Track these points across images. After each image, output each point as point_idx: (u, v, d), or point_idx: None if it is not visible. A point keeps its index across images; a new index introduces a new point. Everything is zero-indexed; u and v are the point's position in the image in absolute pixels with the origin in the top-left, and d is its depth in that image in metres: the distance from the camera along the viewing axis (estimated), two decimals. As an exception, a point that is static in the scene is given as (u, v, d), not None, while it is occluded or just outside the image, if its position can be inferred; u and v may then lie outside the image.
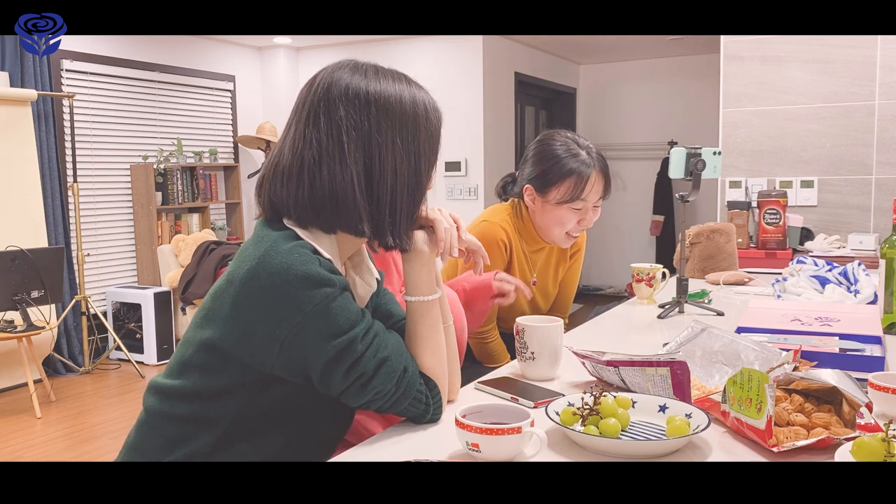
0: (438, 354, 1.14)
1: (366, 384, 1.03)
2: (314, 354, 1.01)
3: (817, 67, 3.24)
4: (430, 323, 1.14)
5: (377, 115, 1.06)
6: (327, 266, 1.02)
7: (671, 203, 7.20)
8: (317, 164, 1.04)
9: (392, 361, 1.05)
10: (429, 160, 1.11)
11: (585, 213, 1.91)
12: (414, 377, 1.08)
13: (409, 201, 1.09)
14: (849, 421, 1.04)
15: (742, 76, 3.38)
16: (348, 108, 1.05)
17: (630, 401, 1.14)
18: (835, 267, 2.21)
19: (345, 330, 1.01)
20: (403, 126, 1.07)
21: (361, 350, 1.02)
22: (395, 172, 1.07)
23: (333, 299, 1.00)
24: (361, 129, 1.05)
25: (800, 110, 3.30)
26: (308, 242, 1.04)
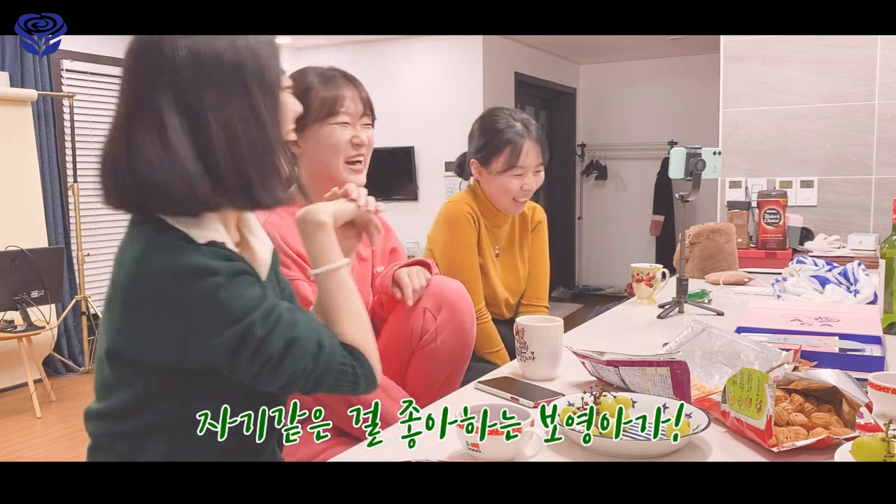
0: (358, 322, 1.08)
1: (276, 367, 0.98)
2: (214, 346, 0.96)
3: (817, 67, 3.24)
4: (343, 292, 1.08)
5: (193, 72, 0.96)
6: (208, 252, 0.96)
7: (671, 203, 7.19)
8: (131, 140, 0.96)
9: (302, 340, 0.99)
10: (267, 101, 1.01)
11: (526, 178, 2.06)
12: (333, 351, 1.02)
13: (259, 154, 1.00)
14: (849, 421, 1.04)
15: (742, 76, 3.38)
16: (162, 71, 0.96)
17: (630, 401, 1.14)
18: (835, 267, 2.21)
19: (239, 317, 0.95)
20: (225, 77, 0.97)
21: (262, 334, 0.96)
22: (230, 130, 0.97)
23: (221, 288, 0.94)
24: (178, 91, 0.96)
25: (800, 110, 3.30)
26: (180, 230, 0.97)
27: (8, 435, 3.72)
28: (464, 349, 1.56)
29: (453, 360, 1.55)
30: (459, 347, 1.55)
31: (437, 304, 1.53)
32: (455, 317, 1.53)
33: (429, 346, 1.52)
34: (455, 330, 1.53)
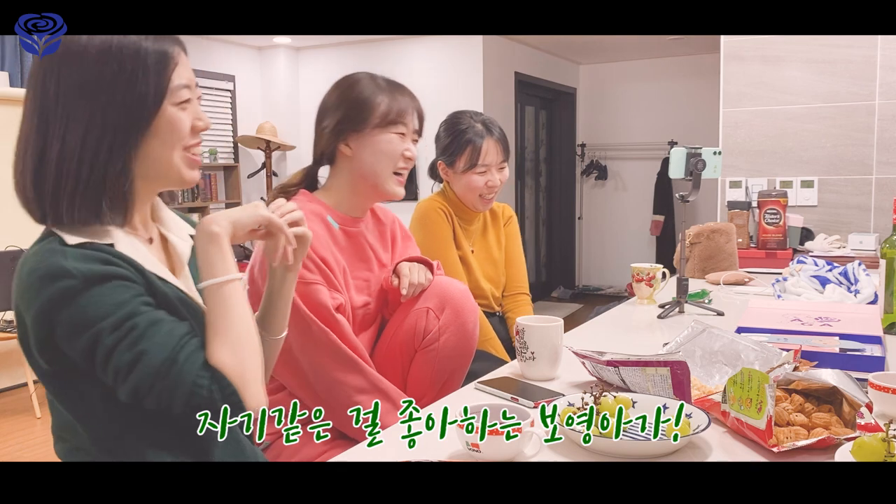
0: (233, 344, 0.99)
1: (124, 379, 0.94)
2: (69, 349, 0.96)
3: (817, 67, 3.24)
4: (222, 310, 1.00)
5: (58, 81, 0.96)
6: (73, 255, 0.95)
7: (671, 203, 7.20)
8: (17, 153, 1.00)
9: (150, 354, 0.94)
10: (123, 120, 0.98)
11: (489, 175, 2.12)
12: (188, 369, 0.95)
13: (83, 173, 0.97)
14: (849, 421, 1.04)
15: (742, 76, 3.38)
16: (38, 77, 0.98)
17: (630, 401, 1.14)
18: (835, 267, 2.21)
19: (90, 324, 0.93)
20: (86, 86, 0.97)
21: (111, 343, 0.94)
22: (64, 140, 0.97)
23: (76, 293, 0.93)
24: (43, 97, 0.98)
25: (800, 110, 3.30)
26: (55, 236, 0.97)
27: (8, 435, 3.72)
28: (466, 350, 1.55)
29: (456, 361, 1.54)
30: (462, 348, 1.54)
31: (441, 304, 1.53)
32: (458, 317, 1.53)
33: (431, 346, 1.52)
34: (458, 330, 1.53)
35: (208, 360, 0.97)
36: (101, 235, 0.99)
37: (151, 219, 1.12)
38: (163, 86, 1.01)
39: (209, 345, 0.98)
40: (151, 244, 1.10)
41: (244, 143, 6.35)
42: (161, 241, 1.13)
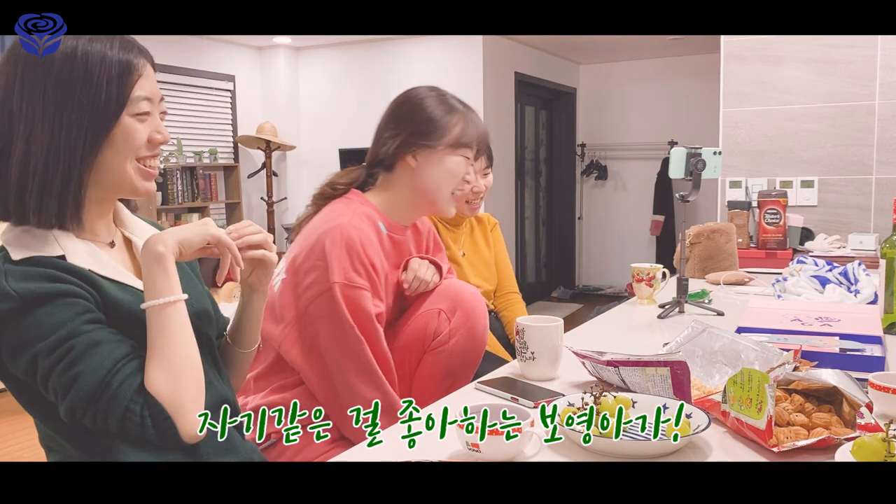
0: (169, 368, 0.97)
1: (61, 400, 0.96)
2: (13, 369, 0.97)
3: (817, 67, 3.24)
4: (160, 332, 0.99)
5: (21, 84, 0.97)
6: (16, 273, 0.95)
7: (671, 203, 7.20)
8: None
9: (84, 376, 0.94)
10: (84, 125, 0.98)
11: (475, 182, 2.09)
12: (122, 395, 0.95)
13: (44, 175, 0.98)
14: (849, 421, 1.04)
15: (742, 76, 3.38)
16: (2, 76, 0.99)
17: (630, 401, 1.14)
18: (835, 267, 2.21)
19: (27, 346, 0.94)
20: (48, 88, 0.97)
21: (48, 365, 0.94)
22: (28, 144, 0.97)
23: (17, 314, 0.94)
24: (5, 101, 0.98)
25: (800, 110, 3.30)
26: (2, 249, 0.98)
27: (8, 435, 3.72)
28: (475, 353, 1.56)
29: (464, 364, 1.54)
30: (471, 351, 1.55)
31: (453, 306, 1.53)
32: (469, 320, 1.53)
33: (441, 348, 1.52)
34: (468, 333, 1.53)
35: (144, 385, 0.96)
36: (50, 247, 0.99)
37: (115, 223, 1.12)
38: (123, 96, 1.01)
39: (147, 369, 0.98)
40: (113, 248, 1.10)
41: (244, 143, 6.35)
42: (125, 244, 1.13)
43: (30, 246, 0.99)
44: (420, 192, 1.56)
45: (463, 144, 1.56)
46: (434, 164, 1.54)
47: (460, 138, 1.55)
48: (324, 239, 1.44)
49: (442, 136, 1.53)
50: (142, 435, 0.96)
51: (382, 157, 1.57)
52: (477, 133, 1.58)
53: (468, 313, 1.53)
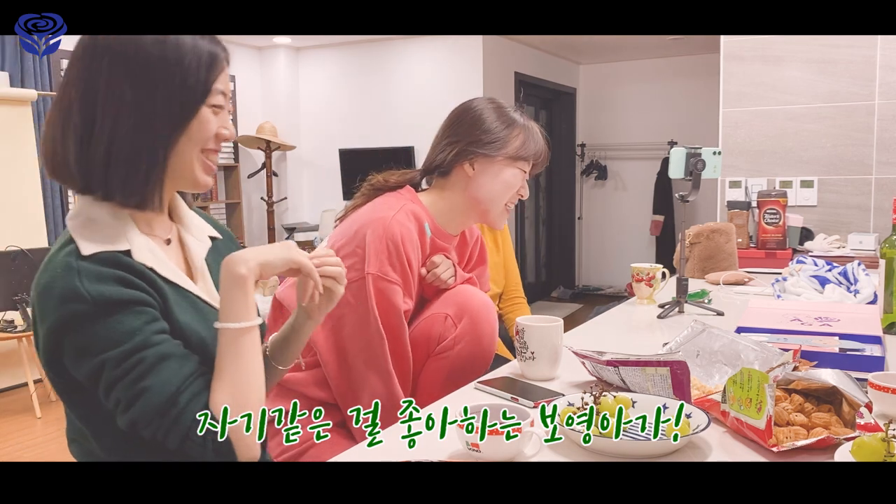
0: (235, 392, 0.96)
1: (123, 412, 0.94)
2: (74, 371, 0.97)
3: (817, 67, 3.24)
4: (231, 356, 0.98)
5: (110, 62, 0.97)
6: (88, 272, 0.94)
7: (671, 203, 7.20)
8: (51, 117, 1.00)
9: (153, 392, 0.93)
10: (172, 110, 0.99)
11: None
12: (187, 414, 0.94)
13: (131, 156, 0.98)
14: (849, 421, 1.04)
15: (742, 76, 3.38)
16: (85, 57, 0.98)
17: (630, 401, 1.14)
18: (835, 267, 2.21)
19: (96, 352, 0.93)
20: (139, 73, 0.97)
21: (116, 376, 0.93)
22: (116, 124, 0.97)
23: (87, 318, 0.93)
24: (91, 78, 0.97)
25: (800, 110, 3.30)
26: (73, 244, 0.96)
27: (8, 435, 3.72)
28: (481, 362, 1.53)
29: (468, 372, 1.51)
30: (477, 360, 1.52)
31: (460, 312, 1.51)
32: (476, 327, 1.51)
33: (445, 354, 1.51)
34: (474, 341, 1.51)
35: (209, 406, 0.96)
36: (117, 240, 0.99)
37: (171, 218, 1.12)
38: (209, 84, 1.01)
39: (214, 389, 0.97)
40: (169, 246, 1.09)
41: (244, 143, 6.35)
42: (179, 242, 1.12)
43: (98, 239, 0.98)
44: (474, 201, 1.57)
45: (521, 158, 1.57)
46: (491, 173, 1.56)
47: (520, 152, 1.56)
48: (366, 229, 1.45)
49: (502, 147, 1.55)
50: (201, 454, 0.95)
51: (439, 162, 1.58)
52: (536, 148, 1.60)
53: (475, 320, 1.51)
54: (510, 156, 1.56)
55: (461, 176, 1.56)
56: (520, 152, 1.56)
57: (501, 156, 1.55)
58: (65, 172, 1.00)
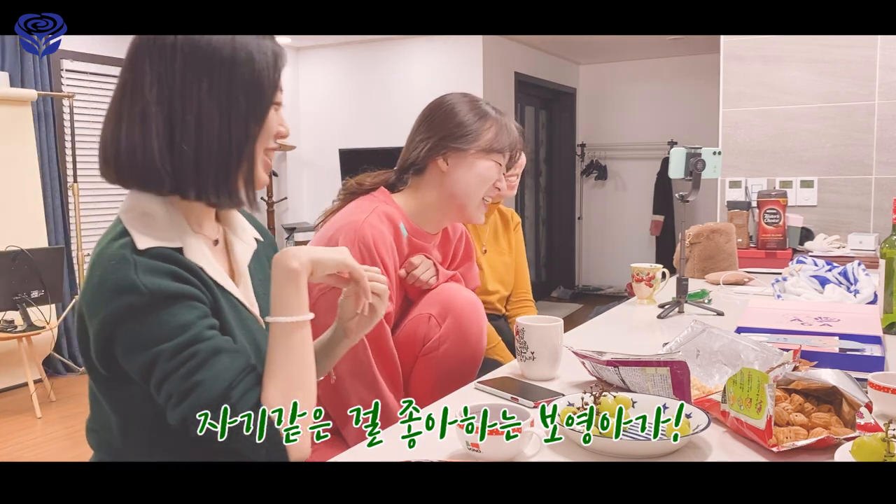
0: (287, 387, 0.96)
1: (175, 406, 0.94)
2: (126, 364, 0.96)
3: (817, 67, 3.24)
4: (283, 350, 0.98)
5: (183, 62, 0.97)
6: (144, 266, 0.94)
7: (671, 203, 7.19)
8: (118, 120, 0.98)
9: (206, 387, 0.92)
10: (249, 107, 1.00)
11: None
12: (240, 408, 0.93)
13: (219, 154, 0.98)
14: (849, 421, 1.04)
15: (742, 76, 3.38)
16: (154, 57, 0.97)
17: (630, 401, 1.14)
18: (835, 267, 2.21)
19: (150, 344, 0.93)
20: (214, 72, 0.97)
21: (169, 369, 0.93)
22: (200, 123, 0.97)
23: (143, 309, 0.92)
24: (165, 79, 0.96)
25: (800, 110, 3.30)
26: (129, 237, 0.96)
27: (8, 435, 3.72)
28: (470, 361, 1.52)
29: (458, 371, 1.51)
30: (465, 359, 1.51)
31: (444, 312, 1.51)
32: (460, 327, 1.50)
33: (431, 355, 1.50)
34: (459, 341, 1.50)
35: (262, 402, 0.95)
36: (172, 237, 0.99)
37: (217, 219, 1.11)
38: (276, 83, 1.02)
39: (265, 385, 0.96)
40: (216, 246, 1.09)
41: (244, 143, 6.34)
42: (225, 244, 1.11)
43: (153, 234, 0.97)
44: (449, 197, 1.55)
45: (495, 150, 1.56)
46: (465, 167, 1.54)
47: (493, 144, 1.55)
48: (339, 235, 1.44)
49: (474, 140, 1.53)
50: (252, 451, 0.94)
51: (413, 160, 1.56)
52: (510, 140, 1.58)
53: (459, 319, 1.50)
54: (483, 148, 1.54)
55: (435, 173, 1.55)
56: (493, 144, 1.55)
57: (474, 148, 1.53)
58: (146, 174, 0.98)
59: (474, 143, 1.53)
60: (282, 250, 1.01)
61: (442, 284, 1.57)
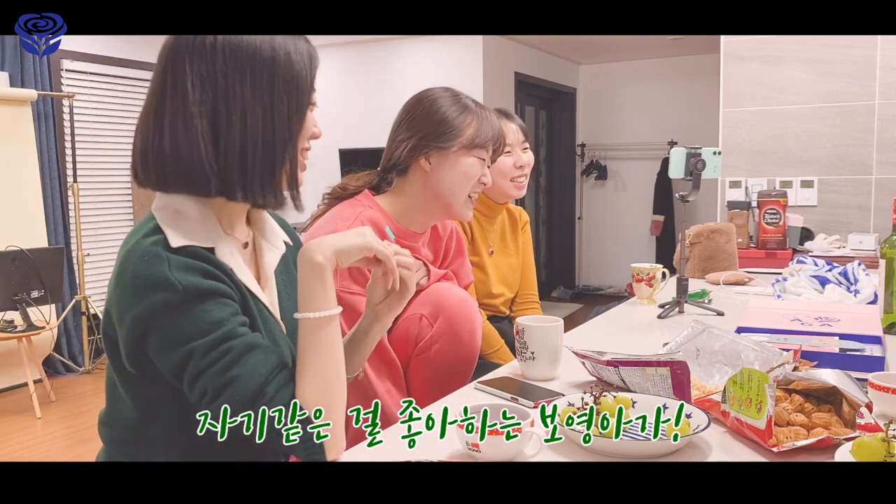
0: (320, 382, 0.97)
1: (210, 401, 0.93)
2: (158, 361, 0.95)
3: (817, 67, 3.24)
4: (314, 346, 0.98)
5: (225, 63, 0.96)
6: (178, 263, 0.94)
7: (671, 203, 7.19)
8: (160, 122, 0.97)
9: (241, 383, 0.92)
10: (290, 107, 1.00)
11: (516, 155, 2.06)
12: (276, 404, 0.94)
13: (264, 153, 0.98)
14: (849, 421, 1.04)
15: (742, 76, 3.38)
16: (194, 58, 0.96)
17: (630, 401, 1.14)
18: (835, 267, 2.21)
19: (184, 341, 0.92)
20: (256, 72, 0.97)
21: (204, 366, 0.93)
22: (245, 123, 0.97)
23: (177, 306, 0.92)
24: (208, 79, 0.96)
25: (800, 110, 3.30)
26: (161, 234, 0.96)
27: (8, 435, 3.72)
28: (464, 360, 1.52)
29: (452, 371, 1.50)
30: (458, 358, 1.50)
31: (435, 311, 1.50)
32: (452, 327, 1.49)
33: (424, 355, 1.50)
34: (452, 340, 1.49)
35: (296, 398, 0.95)
36: (204, 237, 0.99)
37: (247, 221, 1.11)
38: (313, 83, 1.04)
39: (299, 381, 0.97)
40: (245, 249, 1.09)
41: (244, 143, 6.34)
42: (253, 248, 1.11)
43: (186, 233, 0.97)
44: (434, 196, 1.54)
45: (477, 145, 1.54)
46: (448, 166, 1.52)
47: (474, 139, 1.53)
48: None
49: (456, 137, 1.51)
50: (287, 448, 0.94)
51: (395, 160, 1.55)
52: (492, 133, 1.56)
53: (451, 319, 1.49)
54: (465, 144, 1.52)
55: (419, 173, 1.54)
56: (475, 140, 1.53)
57: (456, 146, 1.52)
58: (193, 177, 0.97)
59: (456, 139, 1.52)
60: (305, 244, 1.01)
61: (434, 284, 1.56)
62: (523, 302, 2.27)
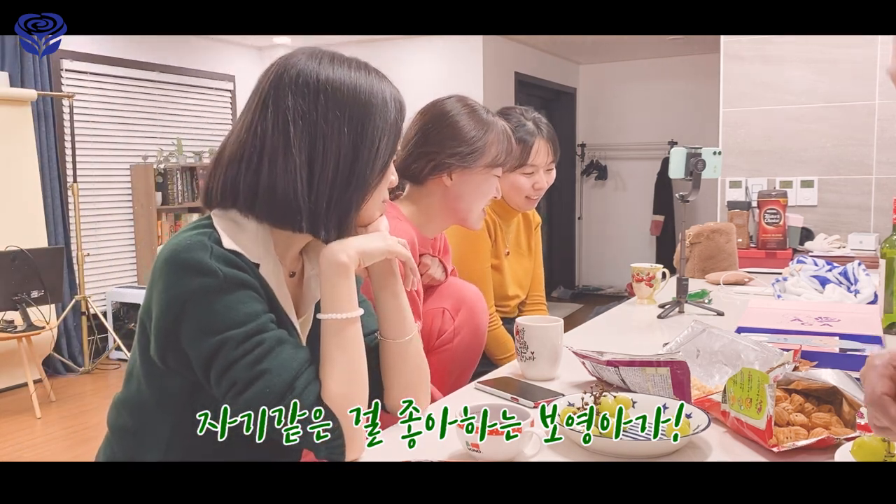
0: (346, 381, 0.98)
1: (237, 395, 0.94)
2: (188, 347, 0.95)
3: (817, 67, 3.24)
4: (340, 344, 1.00)
5: (325, 103, 0.99)
6: (220, 255, 0.95)
7: (671, 203, 7.20)
8: (258, 155, 0.98)
9: (271, 376, 0.93)
10: (378, 153, 1.02)
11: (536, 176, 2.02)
12: (305, 400, 0.95)
13: (348, 194, 1.00)
14: (849, 421, 1.04)
15: (742, 76, 3.38)
16: (297, 96, 0.99)
17: (630, 401, 1.14)
18: (835, 267, 2.21)
19: (218, 329, 0.93)
20: (353, 116, 1.00)
21: (236, 356, 0.93)
22: (337, 164, 0.99)
23: (213, 292, 0.93)
24: (308, 118, 0.98)
25: (800, 110, 3.30)
26: (214, 231, 0.97)
27: (8, 435, 3.72)
28: (477, 350, 1.60)
29: (467, 361, 1.58)
30: (474, 348, 1.59)
31: (457, 304, 1.57)
32: (473, 318, 1.57)
33: (445, 347, 1.55)
34: (472, 331, 1.57)
35: (322, 396, 0.97)
36: (254, 252, 1.00)
37: (302, 251, 1.12)
38: (401, 132, 1.06)
39: (324, 380, 0.98)
40: (292, 278, 1.10)
41: (244, 143, 6.34)
42: (300, 277, 1.12)
43: (239, 242, 0.98)
44: (452, 209, 1.58)
45: (497, 164, 1.58)
46: (471, 185, 1.56)
47: (496, 159, 1.57)
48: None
49: (480, 158, 1.54)
50: (310, 445, 0.96)
51: (415, 172, 1.57)
52: (510, 148, 1.60)
53: (471, 311, 1.57)
54: (488, 164, 1.56)
55: (439, 185, 1.56)
56: (496, 160, 1.57)
57: (480, 166, 1.55)
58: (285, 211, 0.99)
59: (480, 160, 1.54)
60: (328, 245, 1.02)
61: (449, 279, 1.64)
62: (532, 303, 2.27)
